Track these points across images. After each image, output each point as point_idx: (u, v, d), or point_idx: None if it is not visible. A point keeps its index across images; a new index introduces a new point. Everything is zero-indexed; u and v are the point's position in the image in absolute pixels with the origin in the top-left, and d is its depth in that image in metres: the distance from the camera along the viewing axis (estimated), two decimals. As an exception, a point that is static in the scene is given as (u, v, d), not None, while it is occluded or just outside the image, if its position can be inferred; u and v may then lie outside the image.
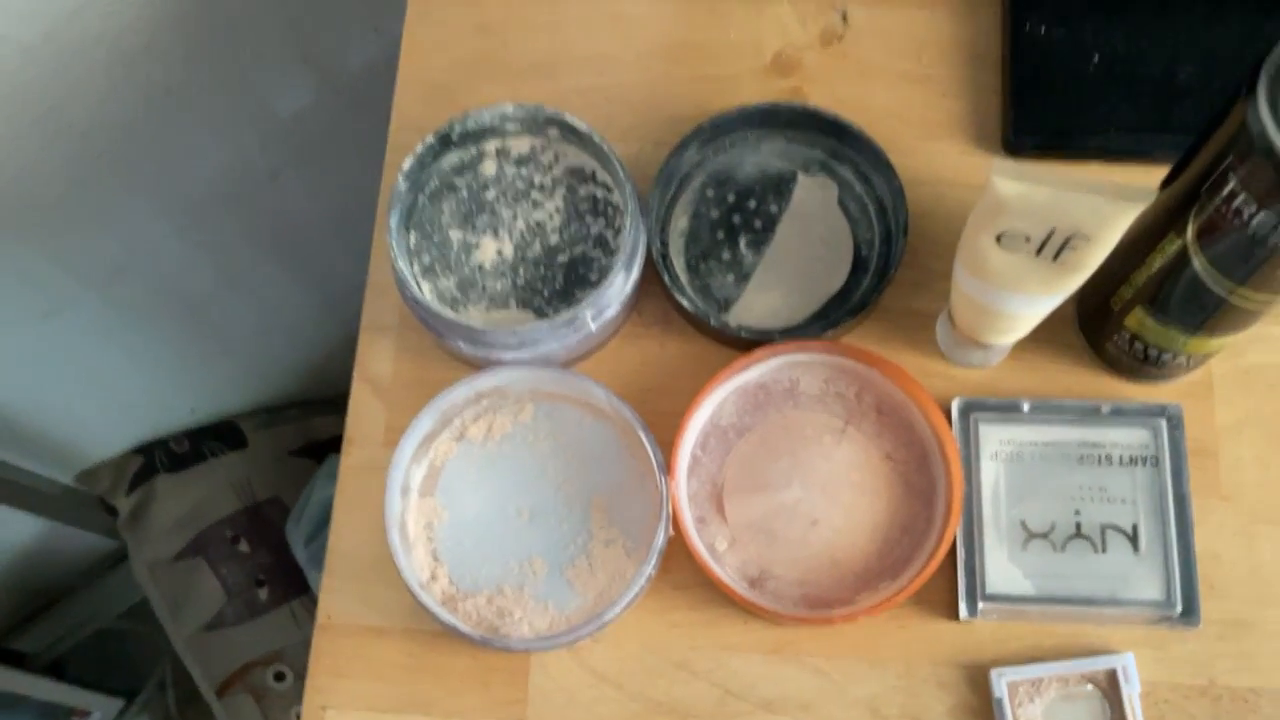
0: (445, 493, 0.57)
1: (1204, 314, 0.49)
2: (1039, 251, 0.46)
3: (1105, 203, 0.43)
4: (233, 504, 1.26)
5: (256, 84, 0.95)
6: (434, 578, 0.55)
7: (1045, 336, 0.56)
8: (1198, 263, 0.46)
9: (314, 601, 1.21)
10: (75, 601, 1.38)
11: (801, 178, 0.61)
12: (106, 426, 1.22)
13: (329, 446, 1.31)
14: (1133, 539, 0.54)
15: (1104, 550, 0.54)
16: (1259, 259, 0.43)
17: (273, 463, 1.30)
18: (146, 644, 1.37)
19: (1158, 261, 0.48)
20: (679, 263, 0.60)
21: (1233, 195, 0.42)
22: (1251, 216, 0.42)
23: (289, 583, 1.23)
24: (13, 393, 1.07)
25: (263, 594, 1.23)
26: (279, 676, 1.20)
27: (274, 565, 1.24)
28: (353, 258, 0.62)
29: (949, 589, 0.55)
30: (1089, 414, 0.56)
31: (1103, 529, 0.54)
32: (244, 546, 1.25)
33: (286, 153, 1.05)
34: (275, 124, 1.00)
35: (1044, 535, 0.54)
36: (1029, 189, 0.44)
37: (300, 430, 1.34)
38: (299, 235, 1.16)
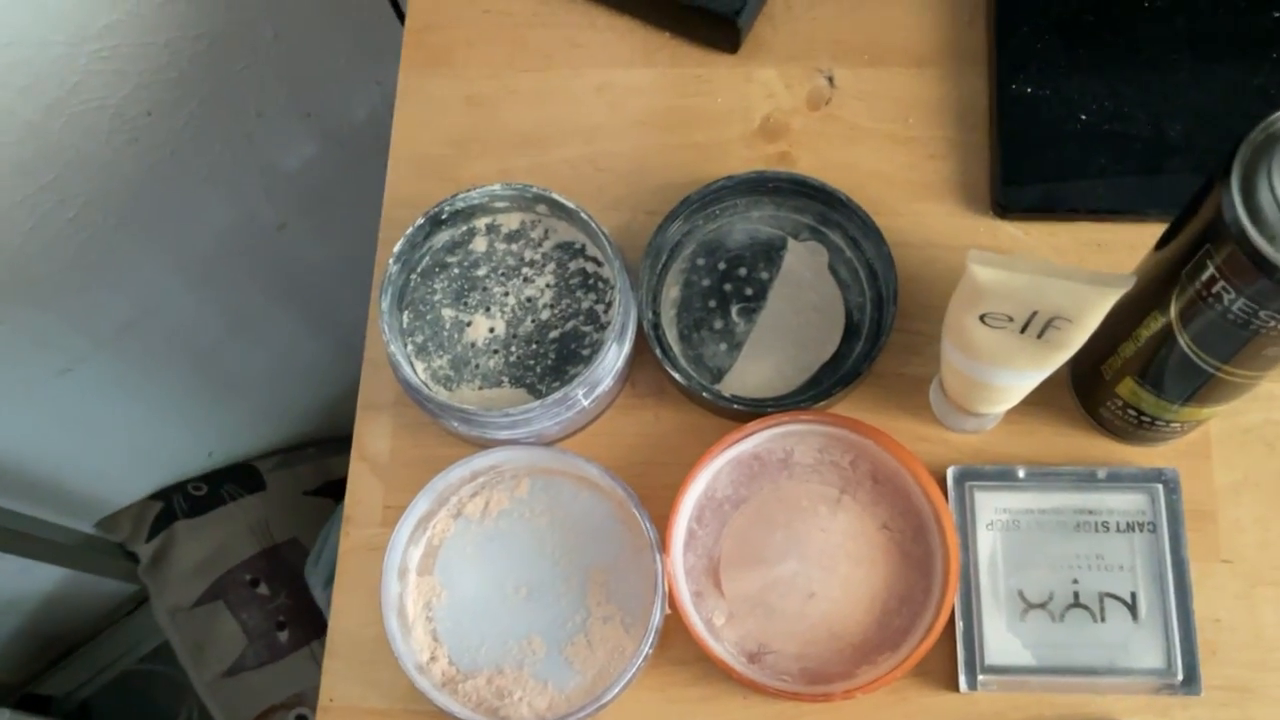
0: (444, 571, 0.57)
1: (1193, 386, 0.49)
2: (1023, 330, 0.46)
3: (1082, 289, 0.43)
4: (251, 547, 1.27)
5: (260, 140, 0.96)
6: (434, 659, 0.56)
7: (1040, 400, 0.56)
8: (1182, 340, 0.46)
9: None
10: (99, 645, 1.40)
11: (791, 243, 0.61)
12: (125, 474, 1.23)
13: (346, 485, 1.31)
14: (1131, 607, 0.54)
15: (1103, 619, 0.54)
16: (1241, 340, 0.43)
17: (290, 504, 1.31)
18: (171, 686, 1.38)
19: (1144, 336, 0.48)
20: (671, 333, 0.60)
21: (1211, 280, 0.42)
22: (1231, 302, 0.41)
23: (309, 624, 1.24)
24: (32, 447, 1.08)
25: (283, 636, 1.24)
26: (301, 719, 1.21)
27: (294, 607, 1.25)
28: (361, 299, 0.63)
29: (948, 661, 0.54)
30: (1085, 480, 0.56)
31: (1101, 597, 0.54)
32: (263, 589, 1.25)
33: (292, 204, 1.06)
34: (280, 177, 1.01)
35: (1042, 605, 0.54)
36: (1006, 276, 0.43)
37: (317, 470, 1.35)
38: (307, 280, 1.17)
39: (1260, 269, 0.39)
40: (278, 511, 1.30)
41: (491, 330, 0.59)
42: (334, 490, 1.33)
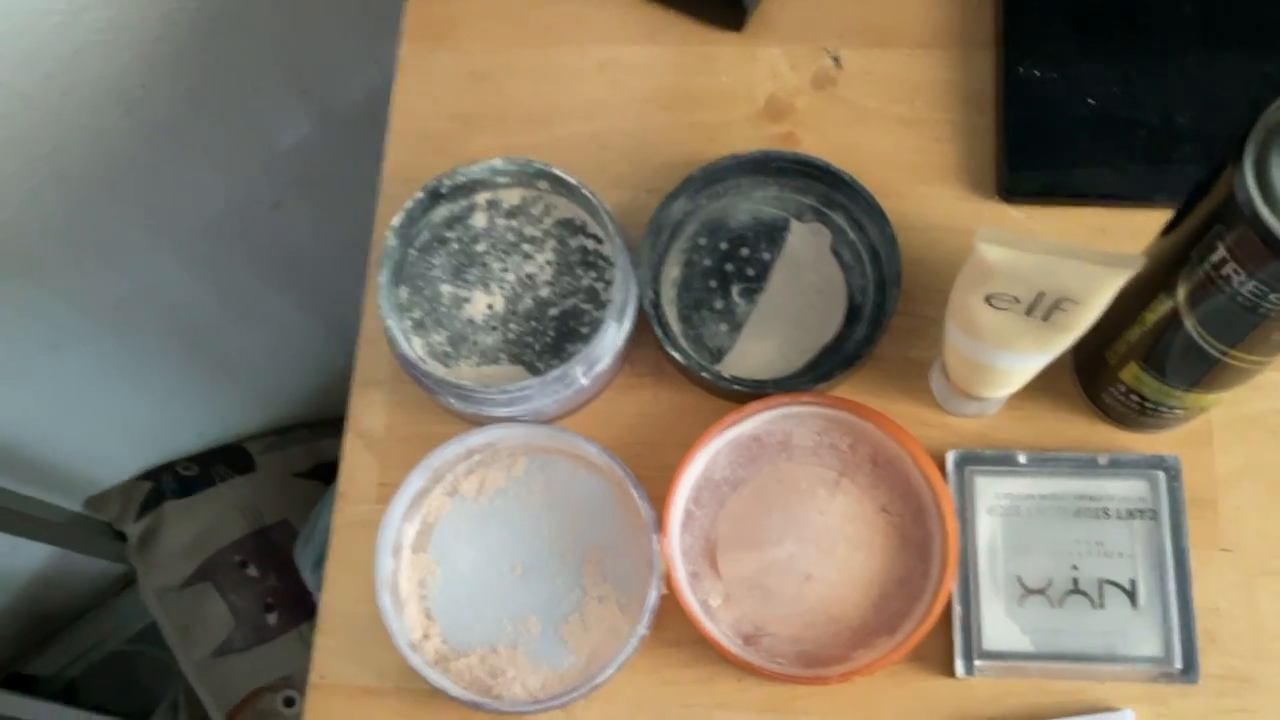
0: (438, 549, 0.57)
1: (1198, 371, 0.48)
2: (1029, 312, 0.46)
3: (1092, 269, 0.42)
4: (241, 528, 1.26)
5: (256, 117, 0.95)
6: (427, 636, 0.55)
7: (1042, 385, 0.55)
8: (1189, 324, 0.45)
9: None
10: (86, 625, 1.39)
11: (794, 224, 0.60)
12: (115, 453, 1.23)
13: (336, 469, 1.31)
14: (1131, 594, 0.53)
15: (1102, 606, 0.53)
16: (1249, 324, 0.43)
17: (280, 485, 1.31)
18: (159, 666, 1.37)
19: (1150, 320, 0.48)
20: (672, 312, 0.60)
21: (1222, 262, 0.41)
22: (1241, 284, 0.41)
23: (298, 606, 1.24)
24: (22, 423, 1.07)
25: (271, 618, 1.23)
26: (288, 702, 1.20)
27: (283, 589, 1.24)
28: (356, 280, 0.63)
29: (945, 646, 0.54)
30: (1086, 466, 0.55)
31: (1100, 584, 0.54)
32: (252, 571, 1.25)
33: (288, 182, 1.05)
34: (276, 155, 1.01)
35: (1041, 591, 0.54)
36: (1015, 256, 0.43)
37: (308, 452, 1.35)
38: (302, 260, 1.16)
39: (1272, 250, 0.39)
40: (268, 493, 1.29)
41: (490, 307, 0.59)
42: (325, 473, 1.32)
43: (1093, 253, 0.43)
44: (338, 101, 1.01)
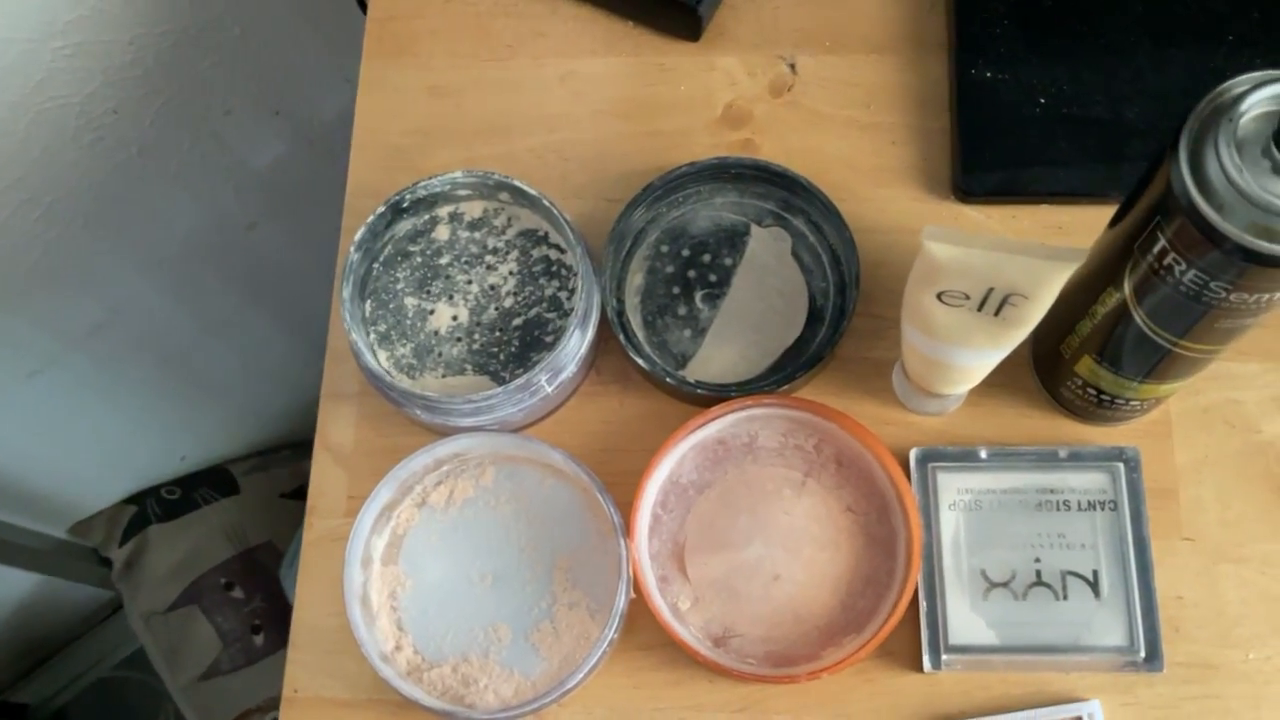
0: (408, 560, 0.57)
1: (1150, 363, 0.49)
2: (980, 308, 0.47)
3: (1036, 263, 0.43)
4: (226, 550, 1.26)
5: (229, 138, 0.96)
6: (399, 648, 0.56)
7: (1002, 381, 0.56)
8: (1138, 316, 0.46)
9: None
10: (74, 652, 1.39)
11: (755, 229, 0.61)
12: (98, 478, 1.23)
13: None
14: (1094, 585, 0.54)
15: (1065, 597, 0.54)
16: (1195, 314, 0.43)
17: (265, 507, 1.31)
18: (147, 691, 1.37)
19: (1100, 313, 0.48)
20: (635, 319, 0.60)
21: (1163, 253, 0.42)
22: (1183, 274, 0.42)
23: (284, 627, 1.23)
24: (3, 451, 1.07)
25: (258, 640, 1.23)
26: (276, 723, 1.20)
27: (269, 610, 1.24)
28: (330, 298, 0.63)
29: (913, 642, 0.55)
30: (1046, 459, 0.56)
31: (1063, 576, 0.54)
32: (238, 593, 1.25)
33: (262, 202, 1.05)
34: (249, 175, 1.01)
35: (1005, 584, 0.54)
36: (961, 253, 0.44)
37: (292, 473, 1.35)
38: (279, 281, 1.16)
39: (1209, 240, 0.39)
40: (252, 515, 1.29)
41: (455, 318, 0.59)
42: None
43: (1038, 247, 0.43)
44: (310, 121, 1.02)
